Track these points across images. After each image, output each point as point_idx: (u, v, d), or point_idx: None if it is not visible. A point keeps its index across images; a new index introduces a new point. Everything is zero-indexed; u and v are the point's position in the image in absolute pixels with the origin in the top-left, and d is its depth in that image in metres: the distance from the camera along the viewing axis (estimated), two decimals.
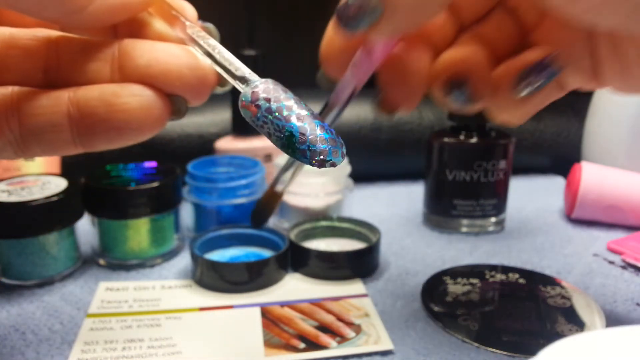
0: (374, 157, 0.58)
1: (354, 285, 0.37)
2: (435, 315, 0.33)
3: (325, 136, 0.19)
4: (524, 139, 0.60)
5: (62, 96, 0.20)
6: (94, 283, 0.38)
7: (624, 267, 0.41)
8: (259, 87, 0.19)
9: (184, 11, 0.22)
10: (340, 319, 0.33)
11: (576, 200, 0.47)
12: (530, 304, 0.35)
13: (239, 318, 0.33)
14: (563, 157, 0.61)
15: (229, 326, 0.33)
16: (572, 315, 0.33)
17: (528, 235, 0.46)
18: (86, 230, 0.41)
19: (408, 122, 0.59)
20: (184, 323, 0.33)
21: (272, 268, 0.37)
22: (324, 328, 0.32)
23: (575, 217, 0.49)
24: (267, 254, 0.40)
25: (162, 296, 0.36)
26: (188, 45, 0.21)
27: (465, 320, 0.33)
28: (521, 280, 0.38)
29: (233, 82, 0.20)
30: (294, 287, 0.37)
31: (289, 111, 0.19)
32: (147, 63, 0.20)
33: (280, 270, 0.38)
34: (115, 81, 0.20)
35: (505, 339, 0.31)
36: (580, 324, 0.33)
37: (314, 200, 0.45)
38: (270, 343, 0.31)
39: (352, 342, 0.31)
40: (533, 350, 0.30)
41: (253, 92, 0.19)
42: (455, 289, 0.37)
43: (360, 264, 0.38)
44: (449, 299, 0.35)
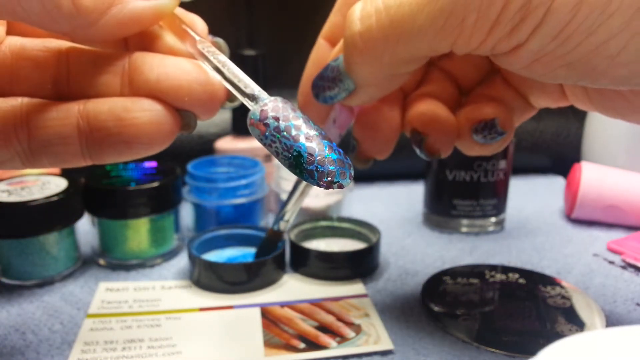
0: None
1: (354, 285, 0.37)
2: (435, 315, 0.33)
3: (333, 157, 0.18)
4: (524, 139, 0.60)
5: (72, 109, 0.20)
6: (94, 283, 0.38)
7: (624, 267, 0.41)
8: (268, 106, 0.19)
9: (195, 25, 0.22)
10: (340, 319, 0.33)
11: (576, 200, 0.47)
12: (530, 304, 0.35)
13: (239, 318, 0.33)
14: (563, 157, 0.61)
15: (229, 326, 0.33)
16: (572, 315, 0.33)
17: (528, 235, 0.46)
18: (86, 230, 0.41)
19: None
20: (184, 323, 0.33)
21: (270, 268, 0.37)
22: (324, 328, 0.32)
23: (575, 217, 0.49)
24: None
25: (162, 296, 0.36)
26: (198, 60, 0.21)
27: (465, 320, 0.33)
28: (521, 280, 0.38)
29: (242, 99, 0.20)
30: (294, 288, 0.37)
31: (297, 130, 0.19)
32: (157, 78, 0.20)
33: (278, 271, 0.38)
34: (125, 94, 0.20)
35: (505, 339, 0.31)
36: (580, 324, 0.33)
37: (314, 200, 0.45)
38: (270, 343, 0.31)
39: (352, 342, 0.31)
40: (533, 350, 0.30)
41: (262, 110, 0.19)
42: (455, 289, 0.37)
43: (360, 264, 0.38)
44: (449, 299, 0.35)
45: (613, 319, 0.34)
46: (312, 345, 0.31)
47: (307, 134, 0.19)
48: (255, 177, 0.44)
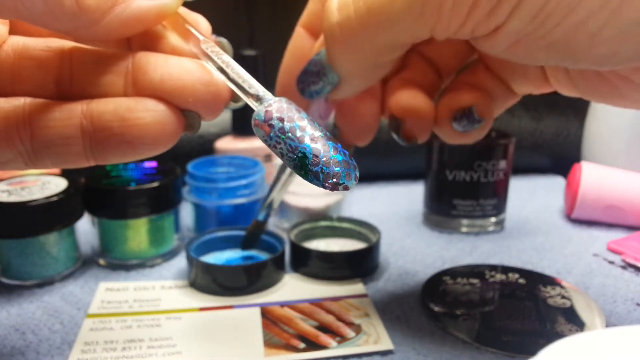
0: (374, 157, 0.58)
1: (354, 285, 0.37)
2: (435, 315, 0.33)
3: (339, 158, 0.18)
4: (524, 139, 0.60)
5: (75, 109, 0.20)
6: (94, 283, 0.38)
7: (624, 267, 0.41)
8: (273, 106, 0.19)
9: (198, 25, 0.22)
10: (340, 319, 0.33)
11: (576, 200, 0.47)
12: (530, 304, 0.35)
13: (239, 318, 0.33)
14: (563, 157, 0.61)
15: (229, 326, 0.33)
16: (572, 315, 0.33)
17: (528, 235, 0.46)
18: (86, 230, 0.41)
19: None
20: (184, 323, 0.33)
21: (270, 270, 0.37)
22: (324, 328, 0.32)
23: (575, 217, 0.49)
24: (263, 256, 0.40)
25: (162, 296, 0.36)
26: (202, 60, 0.21)
27: (465, 320, 0.33)
28: (521, 280, 0.38)
29: (246, 100, 0.20)
30: (294, 288, 0.37)
31: (302, 132, 0.18)
32: (161, 78, 0.20)
33: (279, 272, 0.38)
34: (129, 94, 0.20)
35: (505, 339, 0.31)
36: (580, 324, 0.33)
37: (314, 200, 0.45)
38: (270, 343, 0.31)
39: (352, 342, 0.31)
40: (533, 350, 0.30)
41: (267, 111, 0.19)
42: (455, 289, 0.37)
43: (360, 264, 0.38)
44: (449, 299, 0.35)
45: (613, 319, 0.34)
46: (312, 345, 0.31)
47: (312, 135, 0.18)
48: (255, 177, 0.44)
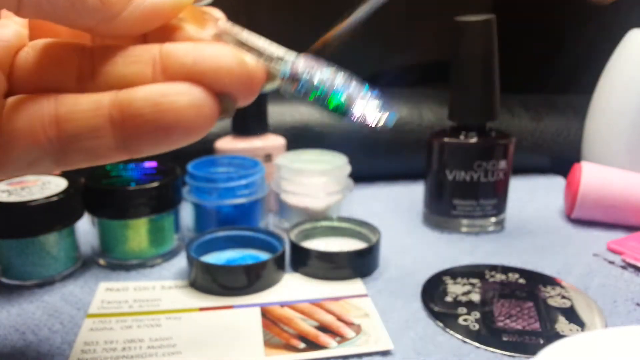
0: (374, 157, 0.58)
1: (354, 285, 0.37)
2: (435, 315, 0.33)
3: (370, 99, 0.20)
4: (524, 139, 0.60)
5: (103, 99, 0.19)
6: (94, 283, 0.38)
7: (624, 267, 0.41)
8: (299, 62, 0.20)
9: (213, 13, 0.22)
10: (340, 319, 0.33)
11: (576, 200, 0.47)
12: (530, 304, 0.35)
13: (239, 318, 0.33)
14: (563, 157, 0.61)
15: (229, 326, 0.33)
16: (572, 315, 0.33)
17: (528, 235, 0.46)
18: (86, 230, 0.41)
19: (408, 122, 0.58)
20: (184, 323, 0.33)
21: (270, 270, 0.37)
22: (324, 328, 0.32)
23: (575, 217, 0.49)
24: (264, 256, 0.40)
25: (162, 296, 0.36)
26: (223, 44, 0.20)
27: (465, 320, 0.33)
28: (521, 280, 0.38)
29: (274, 66, 0.21)
30: (294, 287, 0.37)
31: (332, 80, 0.20)
32: (194, 61, 0.19)
33: (279, 272, 0.38)
34: (158, 82, 0.19)
35: (505, 339, 0.31)
36: (580, 324, 0.33)
37: (314, 200, 0.45)
38: (270, 343, 0.31)
39: (352, 342, 0.31)
40: (533, 350, 0.30)
41: (293, 64, 0.20)
42: (455, 289, 0.37)
43: (360, 264, 0.38)
44: (449, 299, 0.35)
45: (613, 319, 0.34)
46: (312, 345, 0.31)
47: (340, 82, 0.20)
48: (255, 177, 0.44)
